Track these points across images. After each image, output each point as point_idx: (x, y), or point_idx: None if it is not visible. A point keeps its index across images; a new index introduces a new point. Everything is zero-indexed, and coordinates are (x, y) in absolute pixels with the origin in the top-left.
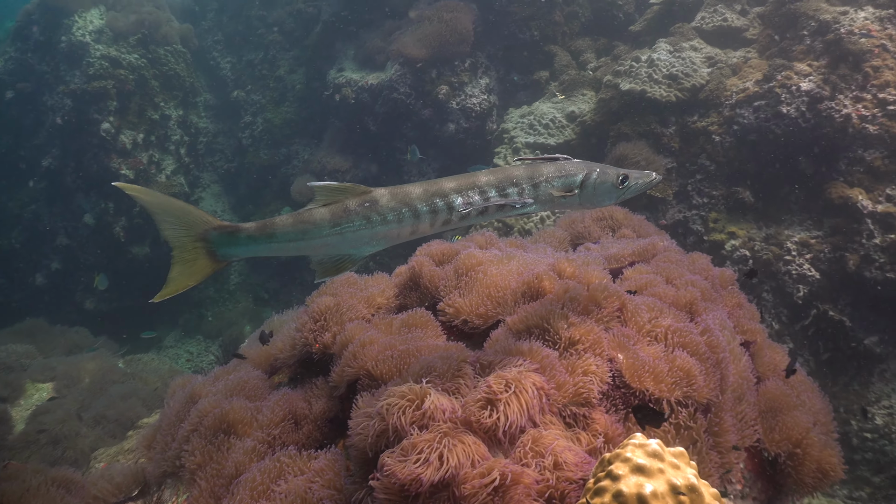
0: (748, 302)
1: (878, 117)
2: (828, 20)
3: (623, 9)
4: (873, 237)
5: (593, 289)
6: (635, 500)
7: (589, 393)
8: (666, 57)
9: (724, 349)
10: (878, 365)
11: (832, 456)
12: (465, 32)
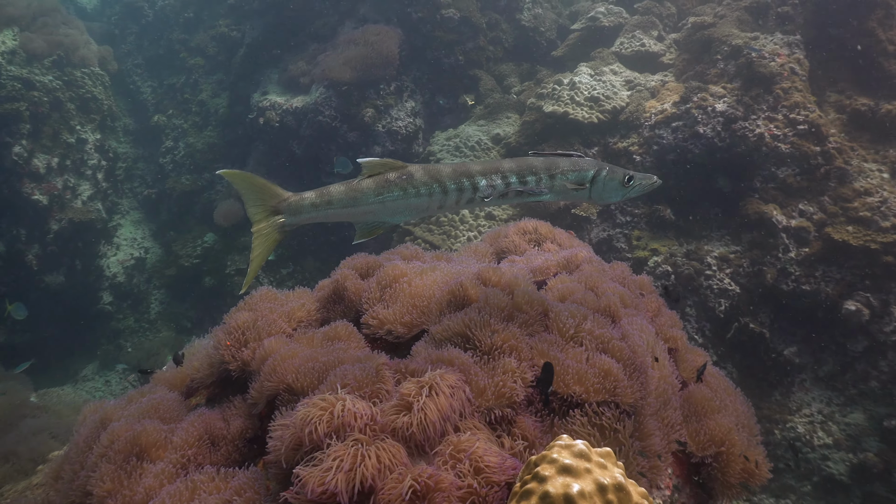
0: (668, 308)
1: (789, 136)
2: (739, 45)
3: (545, 35)
4: (789, 251)
5: (517, 296)
6: (562, 500)
7: (512, 396)
8: (587, 80)
9: (645, 353)
10: (797, 375)
11: (757, 457)
12: (391, 56)
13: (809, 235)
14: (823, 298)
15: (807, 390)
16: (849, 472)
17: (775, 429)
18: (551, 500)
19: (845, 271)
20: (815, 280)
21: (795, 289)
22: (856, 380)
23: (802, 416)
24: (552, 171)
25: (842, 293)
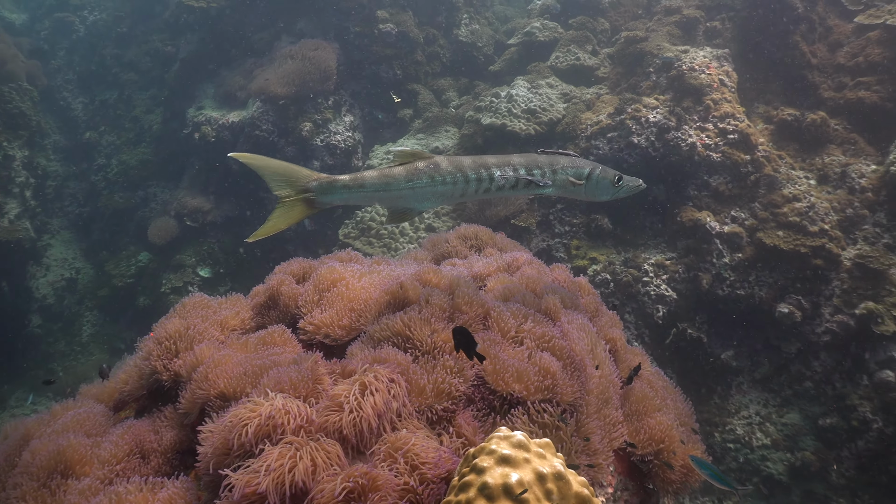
0: (607, 309)
1: (720, 145)
2: (670, 58)
3: (482, 50)
4: (723, 256)
5: (457, 296)
6: (501, 490)
7: (452, 394)
8: (524, 93)
9: (585, 352)
10: (735, 378)
11: (696, 453)
12: (328, 70)
13: (742, 241)
14: (757, 302)
15: (744, 393)
16: (787, 471)
17: (715, 432)
18: (490, 490)
19: (777, 275)
20: (748, 284)
21: (730, 293)
22: (791, 381)
23: (741, 418)
24: (555, 167)
25: (775, 296)
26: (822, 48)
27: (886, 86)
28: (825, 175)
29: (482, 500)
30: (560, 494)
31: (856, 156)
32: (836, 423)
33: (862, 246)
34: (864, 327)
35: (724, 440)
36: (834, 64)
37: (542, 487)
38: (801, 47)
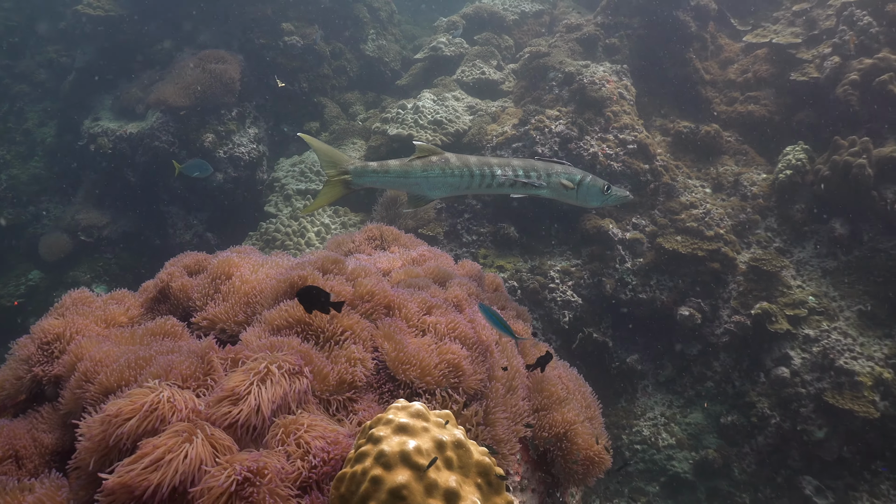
0: (515, 303)
1: (620, 155)
2: (572, 72)
3: (389, 65)
4: (625, 262)
5: (360, 284)
6: (398, 458)
7: (354, 382)
8: (431, 105)
9: (491, 340)
10: (640, 381)
11: (601, 448)
12: (232, 82)
13: (643, 246)
14: (659, 306)
15: (650, 395)
16: (693, 469)
17: (623, 434)
18: (387, 458)
19: (677, 279)
20: (650, 288)
21: (633, 297)
22: (693, 382)
23: (647, 419)
24: (549, 171)
25: (675, 300)
26: (714, 65)
27: (773, 100)
28: (719, 183)
29: (379, 468)
30: (460, 462)
31: (747, 165)
32: (736, 420)
33: (755, 250)
34: (760, 327)
35: (631, 442)
36: (725, 80)
37: (441, 455)
38: (694, 64)
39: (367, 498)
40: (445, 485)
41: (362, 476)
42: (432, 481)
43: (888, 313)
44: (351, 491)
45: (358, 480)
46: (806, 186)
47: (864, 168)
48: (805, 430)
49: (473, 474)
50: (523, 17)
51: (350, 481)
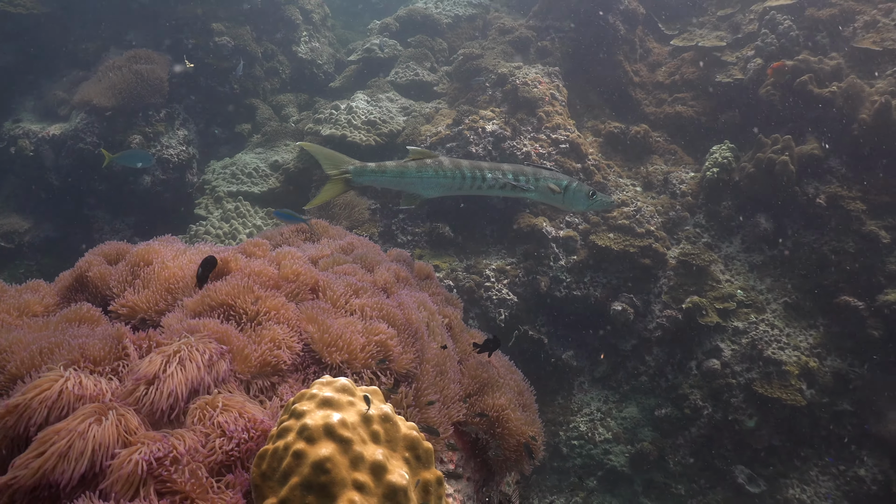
0: (444, 290)
1: (553, 154)
2: (505, 73)
3: (323, 68)
4: (559, 259)
5: (285, 266)
6: (322, 431)
7: (277, 362)
8: (364, 106)
9: (420, 322)
10: (576, 377)
11: (534, 431)
12: (160, 82)
13: (576, 244)
14: (593, 302)
15: (585, 391)
16: (629, 462)
17: (560, 430)
18: (310, 432)
19: (610, 276)
20: (584, 285)
21: (568, 295)
22: (628, 377)
23: (583, 415)
24: (538, 176)
25: (609, 296)
26: (643, 68)
27: (700, 101)
28: (650, 182)
29: (302, 442)
30: (387, 436)
31: (676, 164)
32: (670, 412)
33: (685, 245)
34: (691, 320)
35: (568, 438)
36: (654, 82)
37: (367, 429)
38: (624, 66)
39: (289, 473)
40: (372, 458)
41: (284, 451)
42: (358, 454)
43: (812, 304)
44: (273, 467)
45: (280, 456)
46: (732, 184)
47: (786, 165)
48: (736, 420)
49: (401, 448)
50: (457, 20)
51: (272, 457)
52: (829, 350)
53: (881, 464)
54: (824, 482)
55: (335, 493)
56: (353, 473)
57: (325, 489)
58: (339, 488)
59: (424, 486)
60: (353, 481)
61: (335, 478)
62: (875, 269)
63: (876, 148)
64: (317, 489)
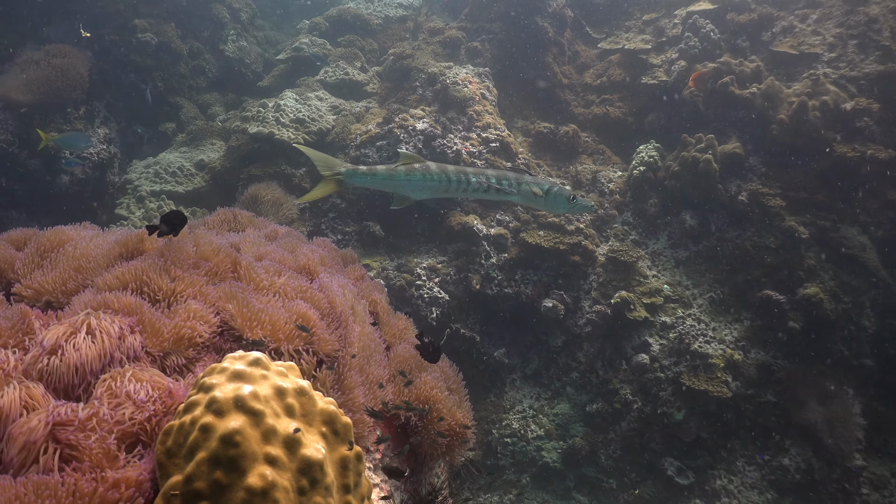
0: (371, 279)
1: (483, 153)
2: (435, 73)
3: (251, 67)
4: (490, 257)
5: (203, 245)
6: (231, 404)
7: (193, 336)
8: (293, 104)
9: (345, 305)
10: (508, 375)
11: (463, 416)
12: (79, 78)
13: (507, 242)
14: (524, 300)
15: (518, 389)
16: (561, 458)
17: (493, 429)
18: (219, 405)
19: (541, 273)
20: (515, 283)
21: (499, 292)
22: (559, 373)
23: (516, 412)
24: (520, 180)
25: (540, 293)
26: (571, 70)
27: (627, 102)
28: (579, 181)
29: (210, 416)
30: (303, 410)
31: (604, 164)
32: (601, 408)
33: (613, 242)
34: (620, 315)
35: (501, 436)
36: (582, 83)
37: (281, 402)
38: (553, 68)
39: (195, 448)
40: (285, 431)
41: (191, 426)
42: (270, 427)
43: (736, 299)
44: (178, 443)
45: (186, 431)
46: (658, 182)
47: (710, 163)
48: (665, 413)
49: (318, 423)
50: (388, 21)
51: (178, 433)
52: (753, 343)
53: (804, 452)
54: (750, 472)
55: (245, 467)
56: (265, 447)
57: (234, 463)
58: (249, 462)
59: (343, 462)
60: (265, 455)
61: (245, 451)
62: (795, 263)
63: (794, 147)
64: (225, 463)
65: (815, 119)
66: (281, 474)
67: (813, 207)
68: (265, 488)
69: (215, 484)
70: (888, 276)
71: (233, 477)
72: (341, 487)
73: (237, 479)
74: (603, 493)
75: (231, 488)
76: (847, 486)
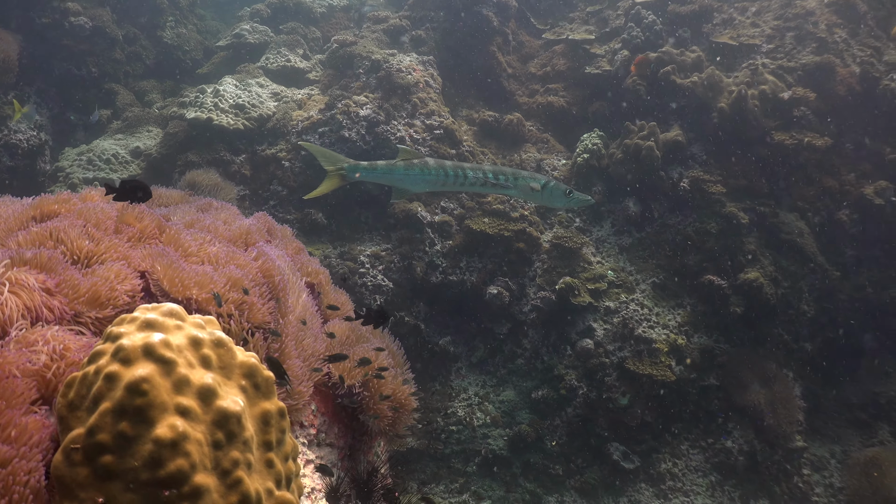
0: (309, 255)
1: (427, 140)
2: (379, 60)
3: (190, 54)
4: (435, 244)
5: (125, 210)
6: (140, 351)
7: (113, 295)
8: (232, 90)
9: (281, 274)
10: (454, 363)
11: (406, 391)
12: (8, 63)
13: (452, 229)
14: (469, 287)
15: (463, 377)
16: (507, 445)
17: (438, 417)
18: (126, 353)
19: (486, 260)
20: (460, 270)
21: (444, 280)
22: (505, 360)
23: (461, 400)
24: (517, 175)
25: (484, 280)
26: (515, 59)
27: (571, 92)
28: (523, 169)
29: (116, 364)
30: (221, 362)
31: (549, 152)
32: (547, 394)
33: (557, 229)
34: (565, 301)
35: (447, 424)
36: (527, 73)
37: (196, 353)
38: (497, 57)
39: (99, 399)
40: (200, 382)
41: (95, 376)
42: (182, 377)
43: (678, 284)
44: (81, 395)
45: (90, 382)
46: (602, 170)
47: (652, 150)
48: (610, 398)
49: (237, 376)
50: (331, 10)
51: (80, 384)
52: (696, 327)
53: (746, 435)
54: (695, 455)
55: (153, 417)
56: (177, 397)
57: (141, 413)
58: (158, 412)
59: (264, 417)
60: (176, 405)
61: (153, 401)
62: (736, 248)
63: (734, 135)
64: (131, 414)
65: (755, 108)
66: (194, 426)
67: (753, 194)
68: (175, 440)
69: (120, 436)
70: (825, 262)
71: (140, 428)
72: (262, 444)
73: (144, 431)
74: (549, 480)
75: (137, 440)
76: (789, 466)
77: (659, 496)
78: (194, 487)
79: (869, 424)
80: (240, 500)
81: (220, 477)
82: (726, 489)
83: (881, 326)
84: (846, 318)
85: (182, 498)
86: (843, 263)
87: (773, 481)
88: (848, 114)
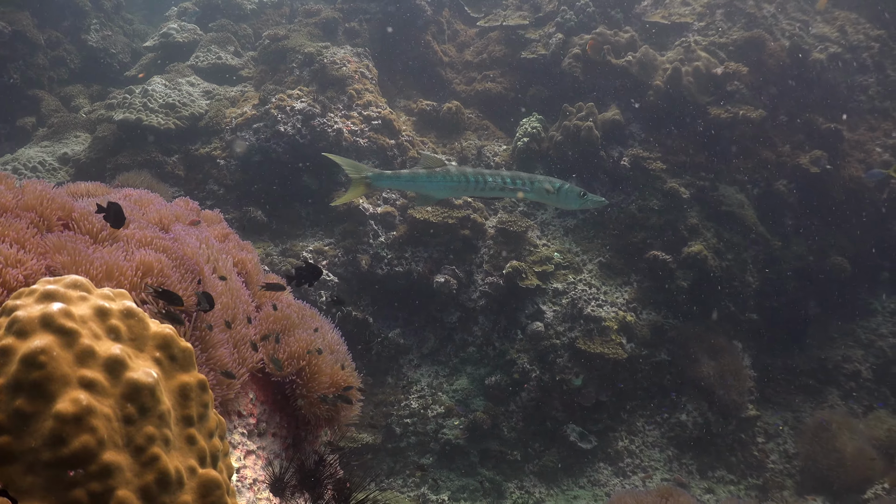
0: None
1: (366, 132)
2: (312, 52)
3: (117, 57)
4: (379, 236)
5: (29, 192)
6: (37, 323)
7: (9, 282)
8: (162, 89)
9: (201, 258)
10: (405, 355)
11: (348, 376)
12: None
13: (395, 219)
14: (416, 277)
15: (416, 368)
16: (463, 434)
17: (392, 411)
18: (21, 325)
19: (432, 249)
20: (406, 261)
21: (390, 271)
22: (456, 349)
23: (414, 392)
24: (533, 179)
25: (431, 269)
26: (451, 48)
27: (508, 77)
28: (464, 156)
29: (10, 337)
30: (132, 334)
31: (489, 139)
32: (500, 379)
33: (502, 214)
34: (513, 285)
35: (400, 417)
36: (463, 61)
37: (102, 323)
38: (433, 47)
39: None
40: (107, 353)
41: None
42: (87, 348)
43: (624, 262)
44: None
45: None
46: (543, 152)
47: (591, 130)
48: (564, 380)
49: (150, 348)
50: (262, 6)
51: None
52: (644, 304)
53: (700, 407)
54: (651, 431)
55: (53, 391)
56: (80, 370)
57: (39, 387)
58: (58, 386)
59: (182, 391)
60: (80, 378)
61: (53, 373)
62: (678, 223)
63: (670, 112)
64: (28, 388)
65: (689, 84)
66: (100, 400)
67: (692, 168)
68: (79, 414)
69: (16, 413)
70: (766, 232)
71: (38, 404)
72: (182, 419)
73: (44, 406)
74: (508, 466)
75: (36, 417)
76: (743, 436)
77: (618, 474)
78: (103, 466)
79: (818, 390)
80: (157, 478)
81: (133, 454)
82: (684, 462)
83: (824, 293)
84: (790, 287)
85: (90, 478)
86: (784, 233)
87: (729, 451)
88: (781, 86)
